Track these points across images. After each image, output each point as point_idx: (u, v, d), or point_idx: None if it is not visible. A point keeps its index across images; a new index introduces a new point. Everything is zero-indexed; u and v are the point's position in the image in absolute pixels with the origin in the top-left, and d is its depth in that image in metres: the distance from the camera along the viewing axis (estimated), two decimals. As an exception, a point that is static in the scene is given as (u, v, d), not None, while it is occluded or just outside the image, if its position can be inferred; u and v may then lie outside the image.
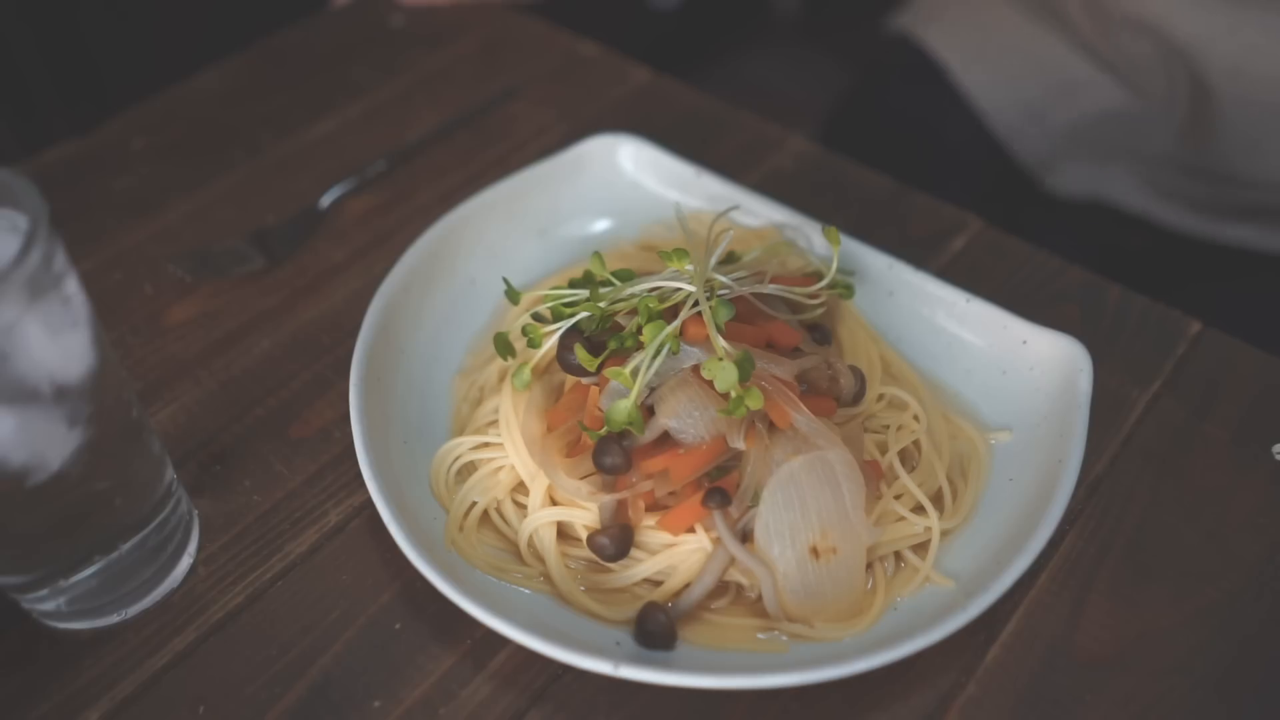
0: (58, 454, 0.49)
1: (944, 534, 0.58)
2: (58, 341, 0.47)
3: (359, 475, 0.63)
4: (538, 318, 0.62)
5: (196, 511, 0.62)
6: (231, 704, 0.54)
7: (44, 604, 0.55)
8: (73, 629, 0.56)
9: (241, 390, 0.69)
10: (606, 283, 0.61)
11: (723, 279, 0.60)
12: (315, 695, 0.54)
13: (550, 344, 0.60)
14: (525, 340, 0.61)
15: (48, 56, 1.25)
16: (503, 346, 0.62)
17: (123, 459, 0.54)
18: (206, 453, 0.65)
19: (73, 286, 0.48)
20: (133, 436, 0.54)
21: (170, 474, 0.58)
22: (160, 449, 0.57)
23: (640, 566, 0.57)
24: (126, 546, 0.55)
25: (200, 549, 0.60)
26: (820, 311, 0.64)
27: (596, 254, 0.62)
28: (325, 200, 0.81)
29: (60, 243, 0.47)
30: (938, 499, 0.60)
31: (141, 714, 0.53)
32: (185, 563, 0.59)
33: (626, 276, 0.61)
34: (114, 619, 0.57)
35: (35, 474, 0.49)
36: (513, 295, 0.64)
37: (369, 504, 0.62)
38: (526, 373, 0.61)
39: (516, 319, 0.66)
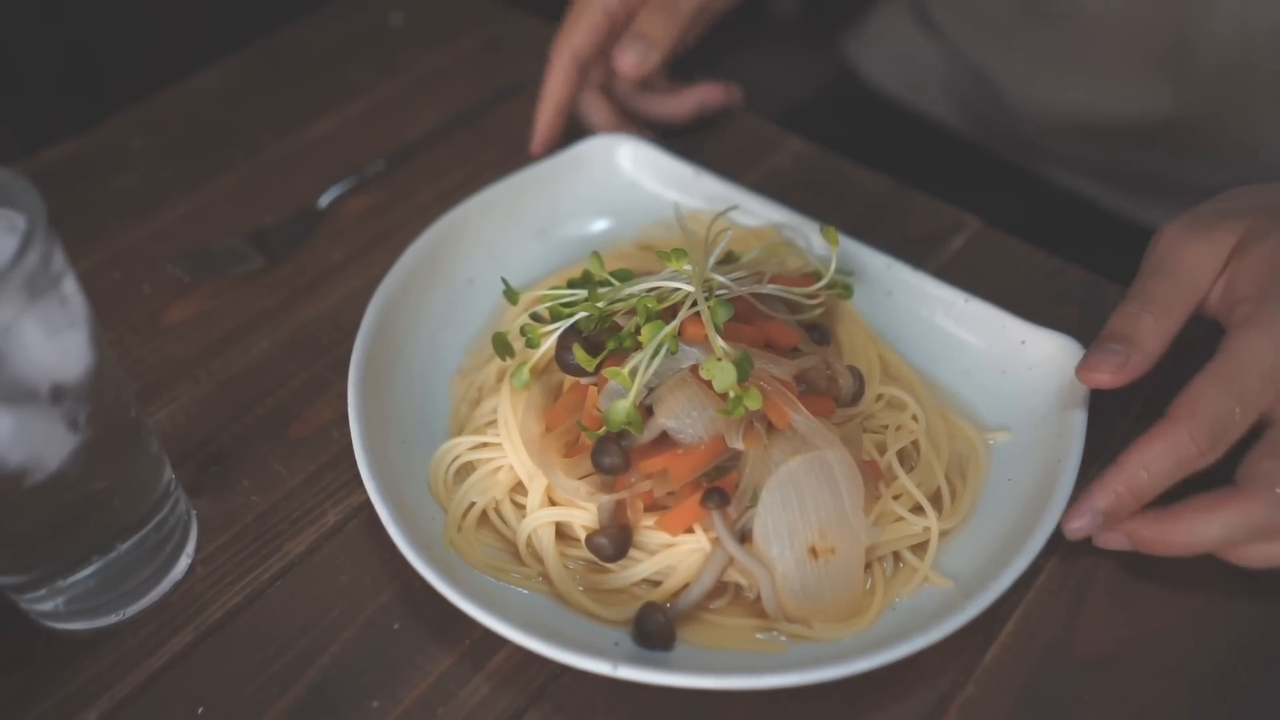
0: (56, 454, 0.49)
1: (942, 534, 0.58)
2: (56, 341, 0.47)
3: (357, 475, 0.62)
4: (536, 318, 0.62)
5: (195, 511, 0.62)
6: (230, 704, 0.54)
7: (42, 604, 0.55)
8: (71, 629, 0.56)
9: (240, 390, 0.69)
10: (605, 283, 0.61)
11: (721, 279, 0.60)
12: (313, 695, 0.54)
13: (549, 344, 0.60)
14: (524, 340, 0.61)
15: (46, 55, 1.25)
16: (501, 346, 0.62)
17: (121, 459, 0.54)
18: (205, 453, 0.65)
19: (71, 286, 0.48)
20: (131, 436, 0.54)
21: (168, 474, 0.58)
22: (158, 449, 0.57)
23: (639, 567, 0.57)
24: (125, 546, 0.55)
25: (198, 549, 0.60)
26: (819, 312, 0.64)
27: (595, 254, 0.62)
28: (324, 200, 0.81)
29: (58, 242, 0.47)
30: (936, 499, 0.60)
31: (139, 714, 0.53)
32: (183, 563, 0.59)
33: (625, 276, 0.61)
34: (112, 619, 0.57)
35: (33, 474, 0.48)
36: (511, 295, 0.64)
37: (367, 504, 0.62)
38: (525, 373, 0.61)
39: (515, 319, 0.66)
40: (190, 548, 0.60)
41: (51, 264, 0.46)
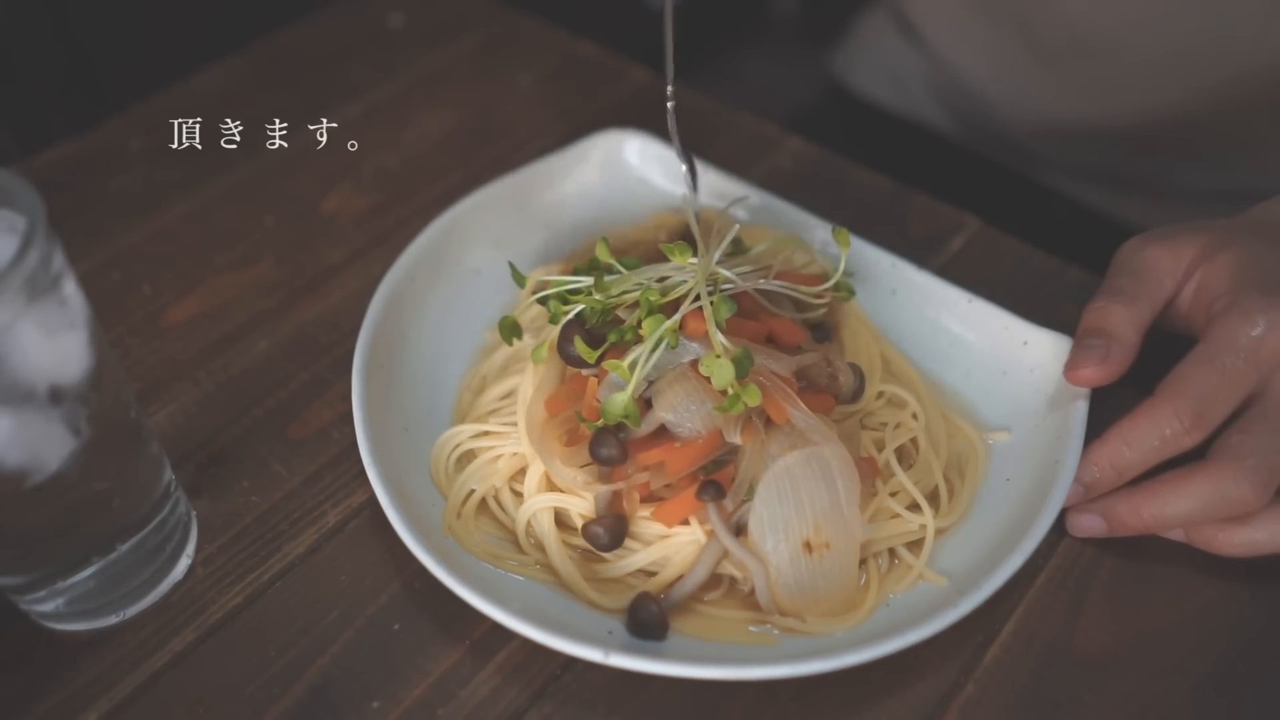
0: (56, 455, 0.49)
1: (939, 532, 0.58)
2: (55, 342, 0.47)
3: (357, 476, 0.63)
4: (546, 302, 0.62)
5: (195, 512, 0.62)
6: (230, 705, 0.54)
7: (42, 605, 0.55)
8: (71, 630, 0.56)
9: (240, 391, 0.69)
10: (611, 269, 0.61)
11: (726, 273, 0.60)
12: (314, 696, 0.54)
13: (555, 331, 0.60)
14: (547, 316, 0.61)
15: (46, 55, 1.25)
16: (508, 331, 0.62)
17: (121, 460, 0.54)
18: (205, 453, 0.65)
19: (70, 287, 0.48)
20: (131, 437, 0.54)
21: (168, 475, 0.58)
22: (158, 450, 0.57)
23: (634, 557, 0.57)
24: (125, 547, 0.55)
25: (198, 550, 0.60)
26: (822, 311, 0.64)
27: (602, 239, 0.61)
28: (323, 201, 0.81)
29: (58, 243, 0.47)
30: (934, 497, 0.60)
31: (140, 715, 0.53)
32: (183, 564, 0.59)
33: (632, 265, 0.61)
34: (112, 620, 0.57)
35: (33, 475, 0.48)
36: (518, 278, 0.64)
37: (367, 504, 0.62)
38: (544, 350, 0.61)
39: (523, 305, 0.66)
40: (190, 548, 0.60)
41: (51, 265, 0.46)
